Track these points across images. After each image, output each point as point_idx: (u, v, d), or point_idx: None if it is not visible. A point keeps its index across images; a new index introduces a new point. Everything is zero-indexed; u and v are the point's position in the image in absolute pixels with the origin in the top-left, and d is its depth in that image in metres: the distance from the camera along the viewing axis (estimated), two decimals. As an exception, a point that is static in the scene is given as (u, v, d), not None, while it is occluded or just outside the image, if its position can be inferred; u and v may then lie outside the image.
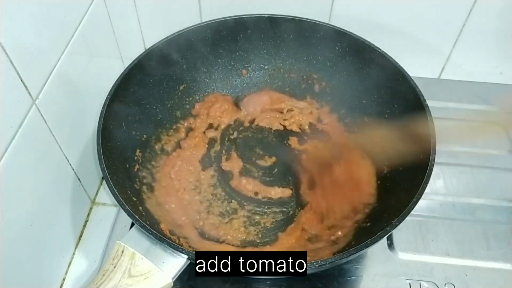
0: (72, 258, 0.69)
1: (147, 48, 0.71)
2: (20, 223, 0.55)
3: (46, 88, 0.56)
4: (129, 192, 0.61)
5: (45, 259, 0.61)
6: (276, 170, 0.75)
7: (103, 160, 0.56)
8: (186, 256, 0.51)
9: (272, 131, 0.81)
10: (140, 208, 0.62)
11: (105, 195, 0.76)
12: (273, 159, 0.77)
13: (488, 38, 0.83)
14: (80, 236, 0.71)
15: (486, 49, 0.85)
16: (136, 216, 0.52)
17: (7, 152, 0.50)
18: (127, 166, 0.66)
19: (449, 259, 0.66)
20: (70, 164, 0.66)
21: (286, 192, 0.72)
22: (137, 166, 0.68)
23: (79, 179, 0.69)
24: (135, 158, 0.69)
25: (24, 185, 0.55)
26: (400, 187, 0.63)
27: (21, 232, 0.55)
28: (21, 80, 0.51)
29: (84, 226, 0.72)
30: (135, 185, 0.66)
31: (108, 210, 0.74)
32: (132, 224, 0.53)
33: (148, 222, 0.53)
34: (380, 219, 0.61)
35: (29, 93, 0.53)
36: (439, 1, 0.79)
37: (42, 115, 0.56)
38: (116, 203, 0.54)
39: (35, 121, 0.55)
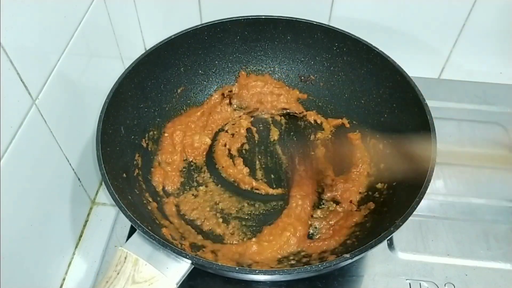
0: (72, 258, 0.69)
1: (147, 48, 0.71)
2: (20, 223, 0.55)
3: (46, 88, 0.56)
4: (130, 197, 0.61)
5: (45, 259, 0.61)
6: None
7: (103, 165, 0.56)
8: (189, 261, 0.50)
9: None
10: (142, 212, 0.61)
11: (105, 195, 0.76)
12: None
13: (488, 38, 0.83)
14: (80, 236, 0.71)
15: (486, 49, 0.85)
16: (138, 222, 0.51)
17: (7, 152, 0.50)
18: (127, 171, 0.66)
19: (449, 259, 0.66)
20: (70, 164, 0.66)
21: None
22: (136, 171, 0.68)
23: (79, 179, 0.69)
24: (135, 162, 0.69)
25: (24, 185, 0.55)
26: (402, 187, 0.63)
27: (21, 232, 0.55)
28: (21, 80, 0.51)
29: (84, 226, 0.72)
30: (135, 190, 0.65)
31: (108, 210, 0.74)
32: (132, 225, 0.53)
33: (150, 227, 0.52)
34: (382, 219, 0.61)
35: (29, 93, 0.53)
36: (439, 1, 0.79)
37: (42, 115, 0.56)
38: (116, 204, 0.54)
39: (35, 121, 0.55)
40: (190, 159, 0.75)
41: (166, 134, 0.75)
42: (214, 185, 0.73)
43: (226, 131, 0.79)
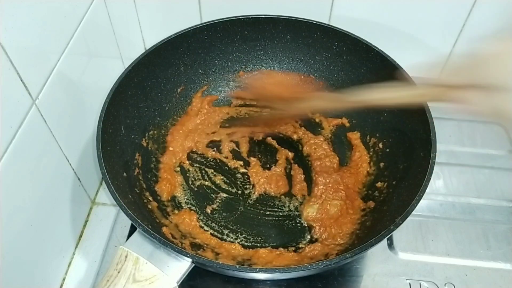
0: (72, 258, 0.69)
1: (147, 48, 0.71)
2: (20, 223, 0.55)
3: (46, 88, 0.56)
4: (130, 196, 0.61)
5: (45, 259, 0.61)
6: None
7: (103, 165, 0.56)
8: (190, 260, 0.51)
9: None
10: (142, 211, 0.62)
11: (105, 195, 0.76)
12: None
13: (488, 38, 0.83)
14: (80, 236, 0.71)
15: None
16: (139, 221, 0.51)
17: (7, 152, 0.50)
18: (127, 170, 0.66)
19: (449, 259, 0.66)
20: (70, 164, 0.66)
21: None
22: (137, 170, 0.68)
23: (79, 179, 0.69)
24: (135, 161, 0.69)
25: (24, 185, 0.55)
26: (401, 185, 0.63)
27: (21, 232, 0.55)
28: (21, 80, 0.51)
29: (84, 226, 0.72)
30: (136, 189, 0.65)
31: (108, 210, 0.74)
32: (132, 225, 0.53)
33: (150, 226, 0.53)
34: (382, 218, 0.61)
35: (29, 93, 0.53)
36: (439, 1, 0.79)
37: (42, 115, 0.56)
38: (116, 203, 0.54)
39: (35, 121, 0.55)
40: (195, 163, 0.76)
41: (171, 148, 0.75)
42: (217, 185, 0.73)
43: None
